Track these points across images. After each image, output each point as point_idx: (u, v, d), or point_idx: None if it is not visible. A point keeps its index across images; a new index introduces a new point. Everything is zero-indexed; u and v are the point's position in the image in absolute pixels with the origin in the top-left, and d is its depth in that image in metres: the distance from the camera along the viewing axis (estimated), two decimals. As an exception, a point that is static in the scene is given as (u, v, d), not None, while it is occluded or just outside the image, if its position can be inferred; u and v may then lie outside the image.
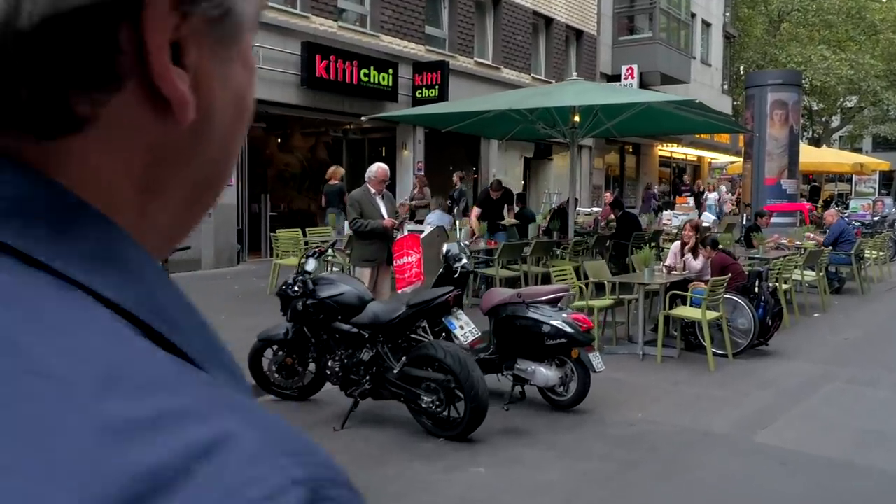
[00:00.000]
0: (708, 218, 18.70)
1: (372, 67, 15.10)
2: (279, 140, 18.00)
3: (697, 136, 28.70)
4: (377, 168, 7.38)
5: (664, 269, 8.05)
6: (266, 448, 0.31)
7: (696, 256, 8.15)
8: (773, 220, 17.92)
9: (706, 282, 7.68)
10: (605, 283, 8.01)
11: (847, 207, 21.00)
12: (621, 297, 8.07)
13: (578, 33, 23.18)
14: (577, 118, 11.83)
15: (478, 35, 19.24)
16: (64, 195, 0.36)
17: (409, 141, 17.22)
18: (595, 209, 19.10)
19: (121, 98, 0.36)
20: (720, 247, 7.92)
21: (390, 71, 15.54)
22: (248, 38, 0.42)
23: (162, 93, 0.37)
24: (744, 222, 17.25)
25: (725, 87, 34.31)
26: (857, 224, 17.67)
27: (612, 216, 13.24)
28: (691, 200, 21.37)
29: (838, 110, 41.84)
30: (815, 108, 41.50)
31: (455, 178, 15.82)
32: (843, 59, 34.73)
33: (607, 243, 12.10)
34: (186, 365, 0.35)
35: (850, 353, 7.84)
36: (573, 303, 7.82)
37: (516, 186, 21.76)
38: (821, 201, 27.05)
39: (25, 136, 0.35)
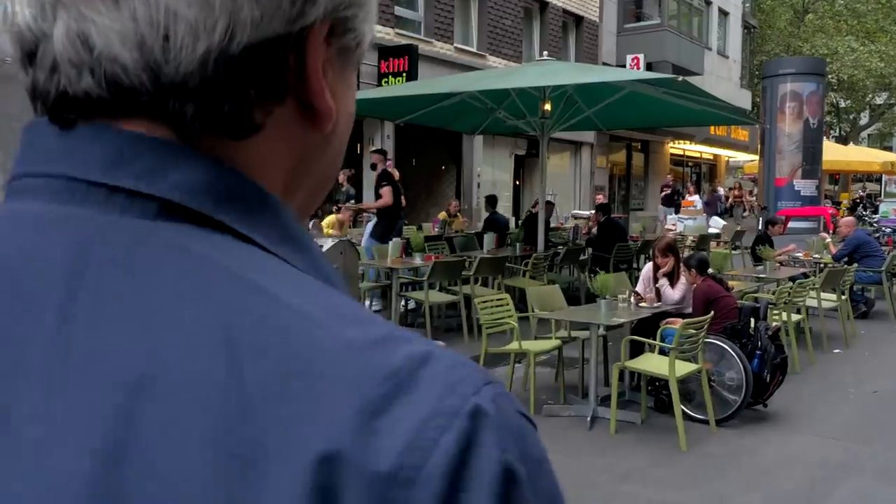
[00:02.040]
0: (717, 223, 16.60)
1: (326, 51, 13.20)
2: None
3: (712, 132, 26.55)
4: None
5: (632, 301, 6.07)
6: (457, 361, 0.40)
7: (673, 283, 6.15)
8: (793, 224, 15.85)
9: (687, 317, 5.70)
10: (552, 319, 6.02)
11: (876, 211, 18.78)
12: (573, 335, 6.09)
13: (578, 19, 21.13)
14: (547, 107, 9.84)
15: (460, 18, 17.29)
16: (255, 186, 0.45)
17: (377, 136, 15.30)
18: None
19: (281, 109, 0.45)
20: (710, 271, 5.92)
21: (349, 56, 13.62)
22: (357, 63, 0.51)
23: (314, 105, 0.46)
24: (759, 227, 15.18)
25: (745, 80, 32.03)
26: (888, 231, 15.49)
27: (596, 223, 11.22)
28: (698, 203, 19.22)
29: (867, 107, 39.50)
30: (842, 104, 39.19)
31: (341, 176, 12.39)
32: (872, 51, 32.42)
33: (583, 256, 10.11)
34: (372, 312, 0.44)
35: (880, 418, 5.80)
36: (508, 344, 5.86)
37: (505, 187, 19.82)
38: (846, 203, 24.76)
39: (220, 137, 0.44)
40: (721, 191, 25.04)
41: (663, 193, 20.80)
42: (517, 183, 21.46)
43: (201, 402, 0.36)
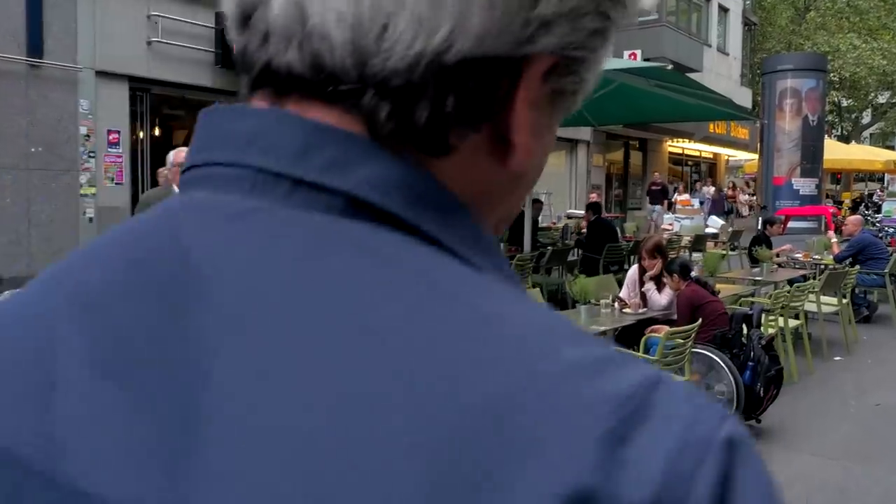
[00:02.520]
0: (715, 223, 16.15)
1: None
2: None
3: (711, 129, 26.10)
4: (174, 155, 4.95)
5: (615, 306, 5.62)
6: (685, 386, 0.35)
7: (660, 289, 5.71)
8: (793, 224, 15.40)
9: (674, 325, 5.26)
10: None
11: (879, 211, 18.32)
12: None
13: (574, 14, 20.65)
14: (534, 100, 9.38)
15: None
16: (446, 191, 0.41)
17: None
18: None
19: (475, 137, 0.41)
20: (693, 275, 5.46)
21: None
22: (565, 113, 0.47)
23: (511, 140, 0.42)
24: (758, 227, 14.72)
25: (746, 78, 31.56)
26: (892, 231, 15.03)
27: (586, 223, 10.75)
28: (696, 202, 18.76)
29: (869, 106, 39.06)
30: (844, 103, 38.75)
31: None
32: (874, 49, 31.97)
33: (571, 256, 9.66)
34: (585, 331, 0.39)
35: (883, 434, 5.34)
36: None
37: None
38: (848, 203, 24.29)
39: (410, 149, 0.40)
40: (725, 190, 24.56)
41: (652, 191, 20.26)
42: (511, 182, 21.03)
43: (408, 431, 0.31)
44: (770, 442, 5.05)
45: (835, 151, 22.54)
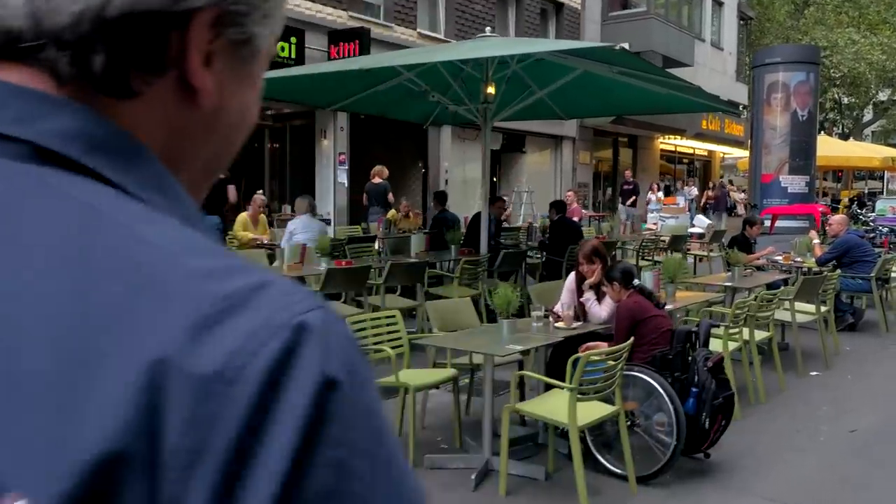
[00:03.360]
0: (701, 222, 15.38)
1: (266, 34, 12.02)
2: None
3: (704, 126, 25.32)
4: None
5: (549, 320, 4.88)
6: (295, 289, 0.44)
7: (601, 299, 4.97)
8: (781, 223, 14.64)
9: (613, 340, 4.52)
10: (429, 346, 4.81)
11: (873, 210, 17.55)
12: (475, 365, 4.90)
13: (558, 6, 19.91)
14: (490, 90, 8.64)
15: (424, 1, 16.09)
16: (129, 136, 0.48)
17: (329, 128, 14.12)
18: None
19: (162, 82, 0.49)
20: (636, 283, 4.71)
21: (293, 40, 12.48)
22: (259, 67, 0.55)
23: (192, 84, 0.49)
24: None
25: (742, 74, 30.76)
26: (885, 230, 14.25)
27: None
28: (681, 201, 17.99)
29: (870, 103, 38.27)
30: (844, 101, 37.97)
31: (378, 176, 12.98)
32: (873, 44, 31.19)
33: (534, 258, 8.91)
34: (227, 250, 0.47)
35: (853, 473, 4.59)
36: (387, 377, 4.68)
37: (478, 184, 18.60)
38: (845, 201, 23.48)
39: (98, 95, 0.47)
40: (711, 188, 23.69)
41: (623, 191, 19.35)
42: (494, 180, 20.25)
43: (47, 314, 0.40)
44: (717, 480, 4.30)
45: (832, 148, 21.76)
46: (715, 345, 5.41)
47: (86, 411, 0.38)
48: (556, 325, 4.81)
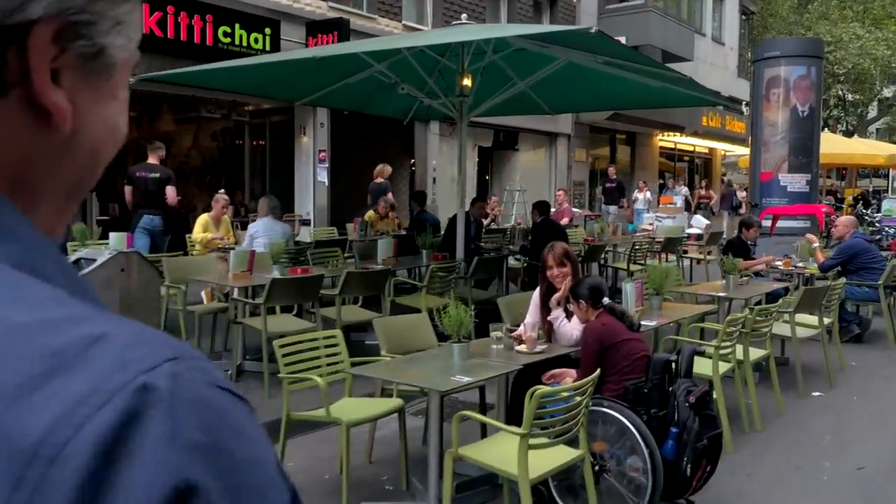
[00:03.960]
0: (699, 223, 14.71)
1: (237, 25, 11.39)
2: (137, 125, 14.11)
3: (705, 122, 24.63)
4: None
5: (511, 342, 4.23)
6: (143, 339, 0.39)
7: (571, 316, 4.33)
8: (782, 224, 13.96)
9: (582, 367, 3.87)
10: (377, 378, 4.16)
11: (878, 209, 16.84)
12: (424, 395, 4.25)
13: (552, -2, 19.24)
14: (466, 81, 8.00)
15: (411, -7, 15.42)
16: None
17: (309, 124, 13.48)
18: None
19: (4, 104, 0.45)
20: (605, 302, 4.05)
21: (267, 31, 11.83)
22: (120, 78, 0.51)
23: (41, 104, 0.46)
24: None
25: (743, 69, 30.05)
26: (892, 232, 13.57)
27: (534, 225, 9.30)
28: (678, 200, 17.28)
29: (875, 100, 37.57)
30: (849, 97, 37.24)
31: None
32: (878, 39, 30.49)
33: (512, 264, 8.27)
34: (67, 295, 0.43)
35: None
36: (317, 410, 4.05)
37: (468, 183, 17.92)
38: (850, 200, 22.78)
39: None
40: (735, 186, 22.77)
41: (607, 189, 18.32)
42: (486, 178, 19.60)
43: None
44: (702, 537, 3.66)
45: (835, 146, 21.07)
46: (703, 366, 4.77)
47: None
48: (518, 348, 4.16)
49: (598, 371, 3.45)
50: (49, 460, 0.34)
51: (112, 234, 7.31)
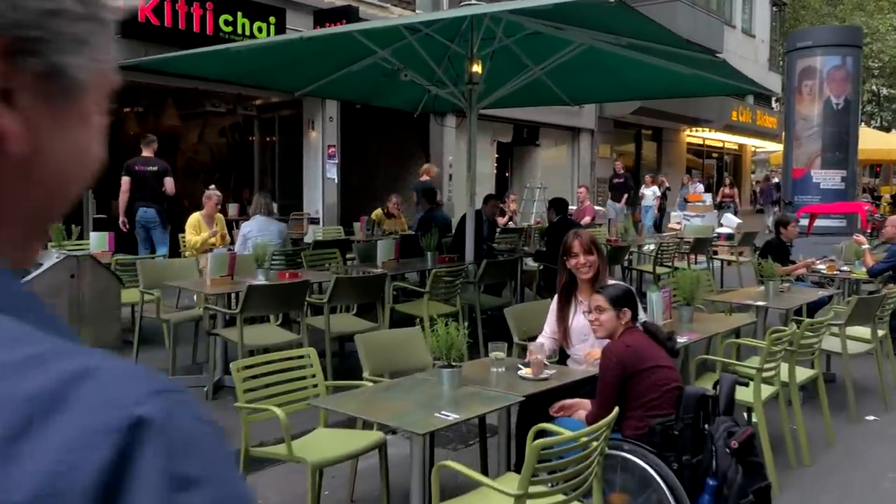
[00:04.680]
0: (730, 222, 13.91)
1: (240, 13, 10.80)
2: (139, 119, 13.56)
3: (734, 117, 23.72)
4: None
5: (515, 363, 3.56)
6: (126, 373, 0.38)
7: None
8: (820, 223, 13.15)
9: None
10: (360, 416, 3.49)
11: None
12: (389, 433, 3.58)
13: (576, -12, 18.45)
14: (476, 68, 7.32)
15: (425, -18, 14.75)
16: None
17: (318, 118, 12.87)
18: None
19: None
20: (641, 320, 3.36)
21: (272, 19, 11.23)
22: (88, 101, 0.49)
23: None
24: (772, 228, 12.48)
25: (775, 62, 29.02)
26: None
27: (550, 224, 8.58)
28: (707, 198, 16.44)
29: (913, 94, 36.35)
30: (884, 92, 36.05)
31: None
32: (918, 30, 29.39)
33: (527, 267, 7.58)
34: (36, 330, 0.41)
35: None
36: (277, 447, 3.39)
37: (486, 180, 17.21)
38: (887, 198, 21.76)
39: None
40: (776, 179, 21.63)
41: (614, 185, 16.89)
42: (507, 175, 18.90)
43: None
44: None
45: (872, 141, 20.12)
46: (742, 391, 4.06)
47: None
48: (522, 372, 3.49)
49: (615, 411, 2.76)
50: None
51: (93, 234, 6.79)
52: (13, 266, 0.47)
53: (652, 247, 9.63)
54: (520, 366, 3.57)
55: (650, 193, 16.60)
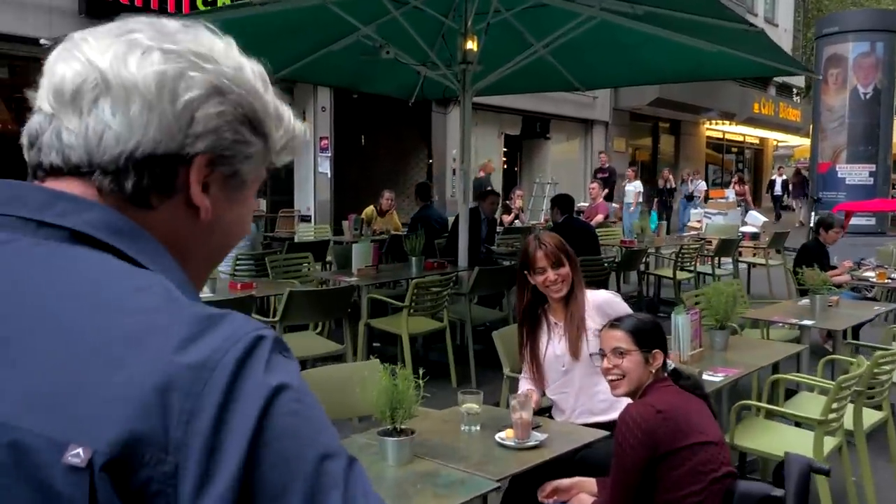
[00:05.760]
0: (755, 220, 12.87)
1: (219, -8, 9.89)
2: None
3: (756, 109, 22.58)
4: None
5: (503, 436, 2.60)
6: (249, 318, 0.63)
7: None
8: (855, 221, 12.11)
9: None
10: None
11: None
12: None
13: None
14: (470, 45, 6.36)
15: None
16: (135, 226, 0.69)
17: (309, 107, 11.94)
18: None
19: (171, 201, 0.71)
20: (671, 365, 2.41)
21: (256, -1, 10.28)
22: (249, 191, 0.78)
23: (193, 203, 0.72)
24: (810, 224, 11.43)
25: (799, 53, 27.81)
26: None
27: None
28: (731, 194, 15.37)
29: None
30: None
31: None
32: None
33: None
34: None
35: None
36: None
37: (494, 175, 16.25)
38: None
39: (127, 204, 0.70)
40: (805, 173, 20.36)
41: (597, 179, 14.64)
42: (515, 170, 17.93)
43: (90, 334, 0.60)
44: None
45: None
46: (789, 439, 3.09)
47: (118, 400, 0.56)
48: (501, 435, 2.54)
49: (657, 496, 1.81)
50: (210, 370, 0.57)
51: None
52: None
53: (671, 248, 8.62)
54: (500, 429, 2.61)
55: (632, 189, 14.77)
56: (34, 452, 0.55)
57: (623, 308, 3.08)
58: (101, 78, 0.68)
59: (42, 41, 6.53)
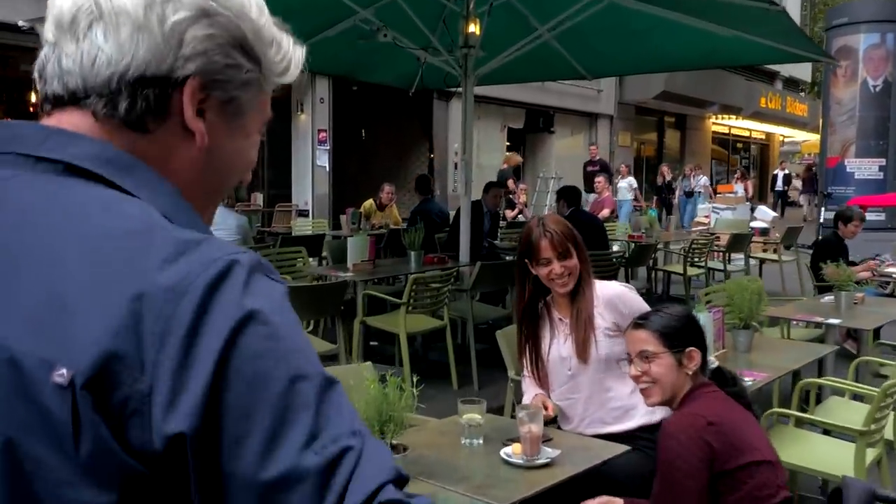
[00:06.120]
0: (765, 215, 12.55)
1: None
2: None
3: (763, 104, 22.24)
4: None
5: (509, 452, 2.30)
6: (226, 243, 0.66)
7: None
8: (868, 216, 11.78)
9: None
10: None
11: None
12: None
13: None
14: (472, 28, 6.05)
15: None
16: (126, 155, 0.71)
17: (307, 100, 11.63)
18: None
19: (166, 124, 0.72)
20: (713, 362, 2.12)
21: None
22: (250, 120, 0.79)
23: (188, 127, 0.73)
24: (821, 220, 11.12)
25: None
26: None
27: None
28: (739, 189, 15.05)
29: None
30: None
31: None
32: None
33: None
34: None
35: None
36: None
37: (495, 169, 15.90)
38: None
39: (125, 129, 0.72)
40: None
41: (588, 173, 14.16)
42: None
43: (75, 258, 0.62)
44: None
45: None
46: (839, 456, 2.79)
47: (98, 321, 0.59)
48: (506, 451, 2.24)
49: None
50: (181, 293, 0.59)
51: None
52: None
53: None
54: (506, 443, 2.31)
55: (625, 185, 14.16)
56: (28, 370, 0.60)
57: (638, 303, 2.76)
58: (95, 4, 0.72)
59: (20, 23, 6.24)
